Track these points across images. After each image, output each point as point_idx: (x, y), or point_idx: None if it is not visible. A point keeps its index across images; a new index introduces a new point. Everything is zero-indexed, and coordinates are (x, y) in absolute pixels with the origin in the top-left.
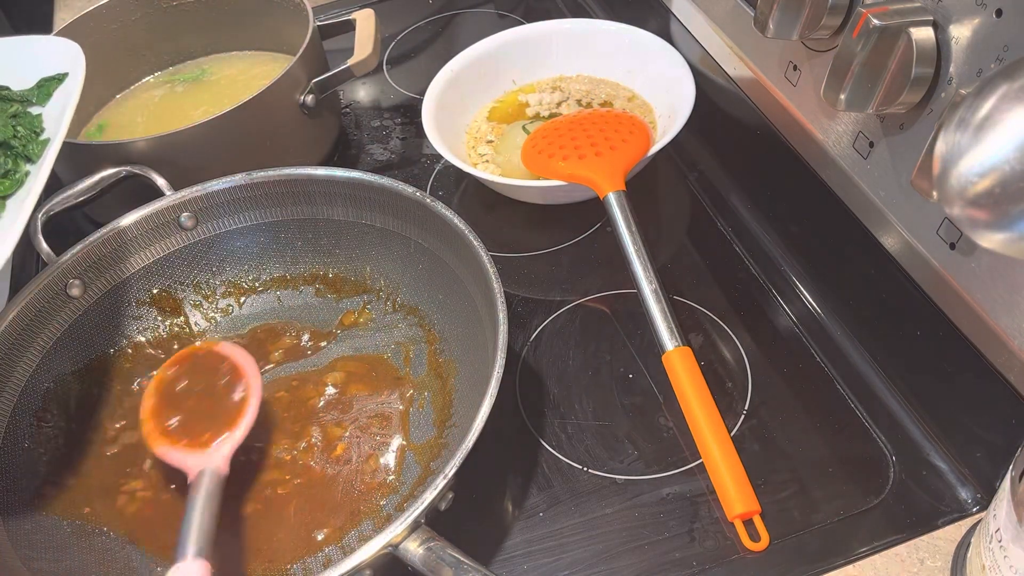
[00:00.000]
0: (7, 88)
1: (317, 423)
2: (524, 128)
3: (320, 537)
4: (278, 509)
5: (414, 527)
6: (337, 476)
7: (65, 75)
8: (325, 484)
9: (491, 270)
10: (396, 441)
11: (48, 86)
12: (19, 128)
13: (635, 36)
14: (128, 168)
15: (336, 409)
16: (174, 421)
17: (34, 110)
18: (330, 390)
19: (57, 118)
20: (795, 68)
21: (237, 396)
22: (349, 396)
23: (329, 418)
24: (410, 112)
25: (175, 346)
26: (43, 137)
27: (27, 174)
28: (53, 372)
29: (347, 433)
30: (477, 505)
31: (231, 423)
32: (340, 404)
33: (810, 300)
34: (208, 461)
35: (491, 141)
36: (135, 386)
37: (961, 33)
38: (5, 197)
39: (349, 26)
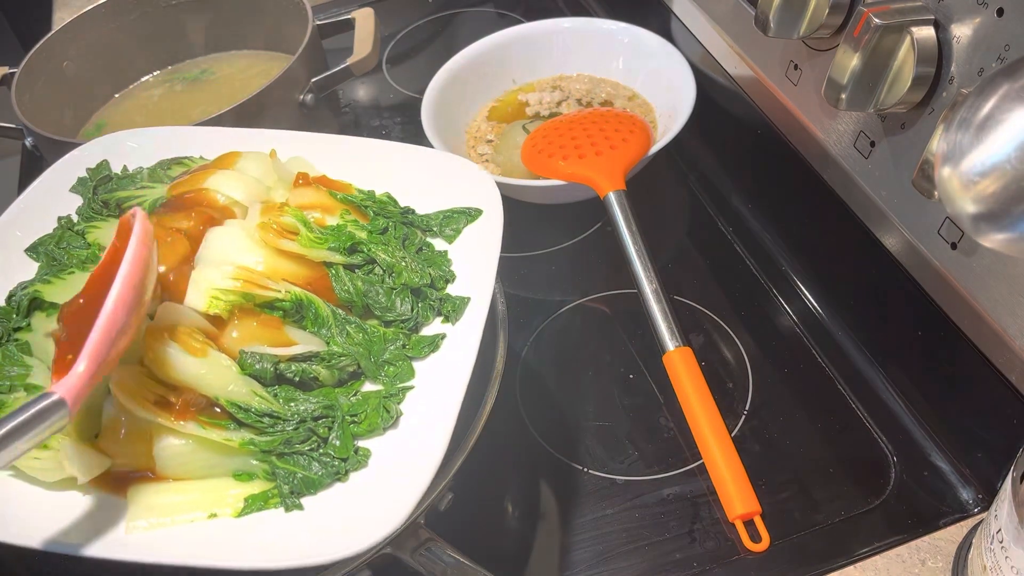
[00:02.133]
0: (413, 211)
1: None
2: (524, 128)
3: None
4: None
5: (414, 528)
6: None
7: (478, 212)
8: None
9: None
10: None
11: (456, 220)
12: (432, 271)
13: (635, 35)
14: None
15: None
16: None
17: (437, 244)
18: None
19: (474, 267)
20: (796, 67)
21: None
22: None
23: None
24: (410, 112)
25: None
26: (454, 291)
27: (443, 336)
28: None
29: None
30: (477, 505)
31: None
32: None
33: (811, 300)
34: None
35: (491, 141)
36: None
37: (962, 32)
38: (413, 359)
39: (348, 25)
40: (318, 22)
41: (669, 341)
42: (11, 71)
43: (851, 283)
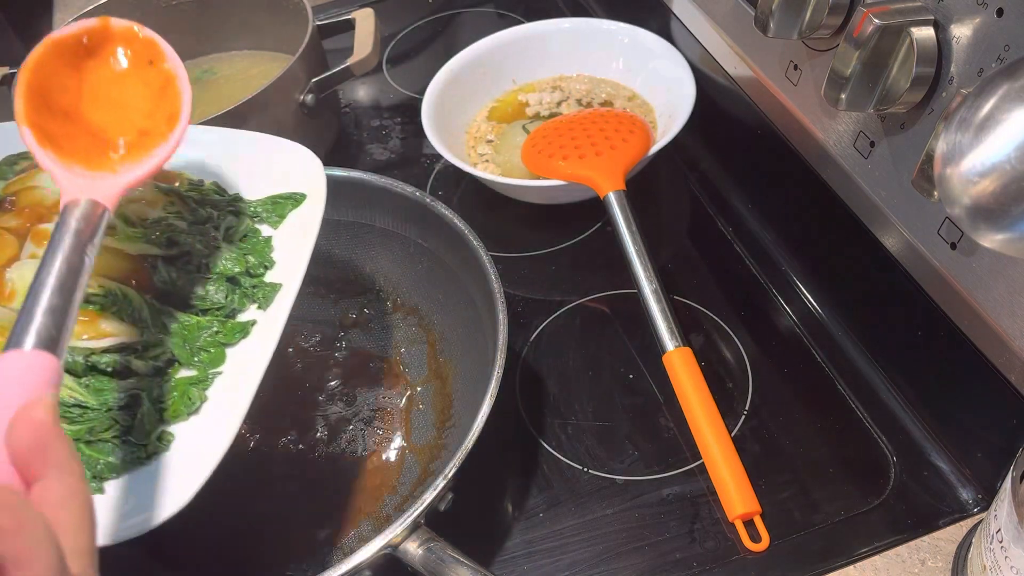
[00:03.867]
0: (240, 199)
1: (323, 415)
2: (524, 128)
3: (325, 532)
4: (289, 503)
5: (414, 527)
6: (341, 470)
7: (303, 197)
8: (329, 477)
9: (491, 270)
10: (397, 441)
11: (282, 206)
12: (251, 259)
13: (635, 35)
14: None
15: (341, 402)
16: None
17: (264, 230)
18: (333, 383)
19: (291, 253)
20: (796, 67)
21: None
22: (353, 392)
23: (334, 410)
24: (410, 112)
25: None
26: (271, 276)
27: (253, 323)
28: None
29: (351, 427)
30: (477, 505)
31: (159, 135)
32: (345, 397)
33: (810, 300)
34: (92, 189)
35: (491, 141)
36: None
37: (962, 32)
38: (226, 345)
39: (349, 25)
40: (318, 22)
41: (669, 341)
42: (12, 71)
43: (851, 283)
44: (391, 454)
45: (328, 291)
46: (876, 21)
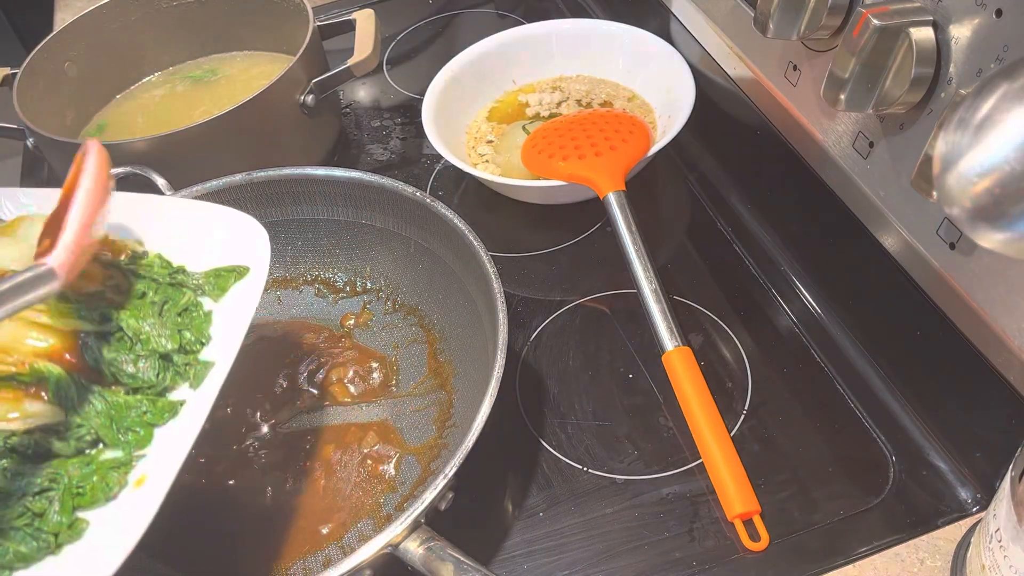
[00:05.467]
0: (184, 271)
1: (323, 414)
2: (524, 128)
3: (325, 531)
4: (289, 502)
5: (414, 527)
6: (342, 468)
7: (246, 270)
8: (330, 476)
9: (491, 270)
10: (397, 440)
11: (226, 279)
12: (186, 334)
13: (635, 36)
14: (128, 168)
15: (341, 401)
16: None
17: (206, 303)
18: (333, 382)
19: (228, 329)
20: (795, 68)
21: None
22: (354, 392)
23: (334, 410)
24: (410, 112)
25: None
26: (206, 354)
27: (183, 403)
28: None
29: (350, 426)
30: (477, 505)
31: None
32: (345, 397)
33: (810, 300)
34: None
35: (491, 141)
36: None
37: (961, 33)
38: (155, 425)
39: (349, 26)
40: (319, 23)
41: (668, 341)
42: (12, 72)
43: (850, 283)
44: (391, 453)
45: (328, 291)
46: (875, 22)
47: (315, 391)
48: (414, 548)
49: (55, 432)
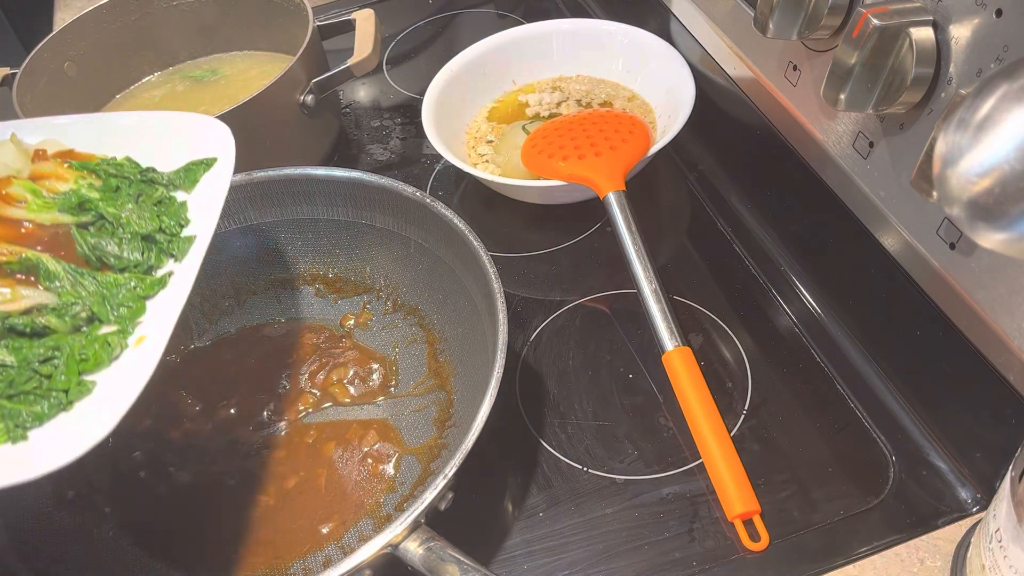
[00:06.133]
0: (154, 170)
1: (323, 414)
2: (524, 128)
3: (325, 531)
4: (289, 502)
5: (414, 527)
6: (342, 468)
7: (213, 160)
8: (331, 476)
9: (491, 270)
10: (397, 440)
11: (195, 171)
12: (164, 219)
13: (635, 36)
14: None
15: (341, 401)
16: None
17: (179, 196)
18: (334, 382)
19: (204, 210)
20: (795, 68)
21: None
22: (354, 392)
23: (334, 410)
24: (410, 112)
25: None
26: (187, 232)
27: (170, 274)
28: None
29: (351, 426)
30: (477, 505)
31: None
32: (345, 397)
33: (810, 300)
34: None
35: (491, 141)
36: None
37: (961, 33)
38: (146, 298)
39: (349, 26)
40: (319, 23)
41: (668, 341)
42: (12, 72)
43: (850, 283)
44: (391, 453)
45: (328, 291)
46: (875, 22)
47: (316, 391)
48: (414, 548)
49: (51, 311)
